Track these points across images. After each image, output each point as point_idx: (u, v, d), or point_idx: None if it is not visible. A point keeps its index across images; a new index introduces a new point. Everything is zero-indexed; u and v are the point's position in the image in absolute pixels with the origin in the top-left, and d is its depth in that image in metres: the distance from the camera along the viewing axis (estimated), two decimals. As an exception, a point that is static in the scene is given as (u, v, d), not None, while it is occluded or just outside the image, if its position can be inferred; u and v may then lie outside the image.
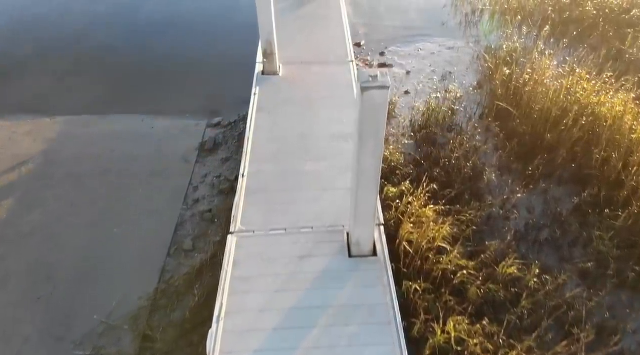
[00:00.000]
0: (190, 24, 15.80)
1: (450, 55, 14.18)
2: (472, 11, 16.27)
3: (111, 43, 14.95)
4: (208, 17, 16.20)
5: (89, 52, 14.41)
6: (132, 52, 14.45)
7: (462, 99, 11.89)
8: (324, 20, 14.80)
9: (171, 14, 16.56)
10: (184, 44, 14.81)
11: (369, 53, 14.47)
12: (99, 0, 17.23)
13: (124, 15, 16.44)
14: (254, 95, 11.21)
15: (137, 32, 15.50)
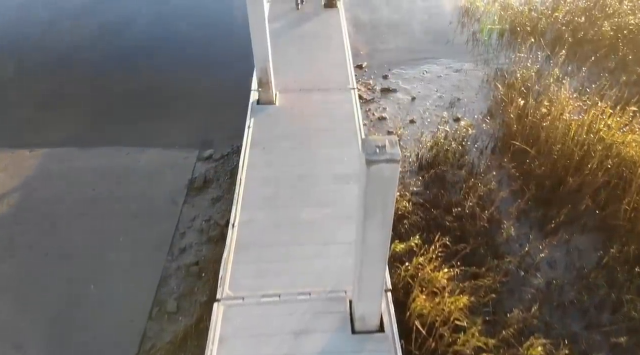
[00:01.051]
0: (181, 46, 14.92)
1: (458, 78, 13.33)
2: (479, 29, 15.45)
3: (95, 67, 14.04)
4: (200, 38, 15.28)
5: (72, 76, 13.48)
6: (118, 76, 13.51)
7: (472, 130, 11.03)
8: (323, 41, 13.97)
9: (160, 34, 15.69)
10: (174, 68, 13.90)
11: (371, 76, 13.61)
12: (84, 20, 16.38)
13: (110, 36, 15.54)
14: (248, 128, 10.35)
15: (123, 55, 14.60)
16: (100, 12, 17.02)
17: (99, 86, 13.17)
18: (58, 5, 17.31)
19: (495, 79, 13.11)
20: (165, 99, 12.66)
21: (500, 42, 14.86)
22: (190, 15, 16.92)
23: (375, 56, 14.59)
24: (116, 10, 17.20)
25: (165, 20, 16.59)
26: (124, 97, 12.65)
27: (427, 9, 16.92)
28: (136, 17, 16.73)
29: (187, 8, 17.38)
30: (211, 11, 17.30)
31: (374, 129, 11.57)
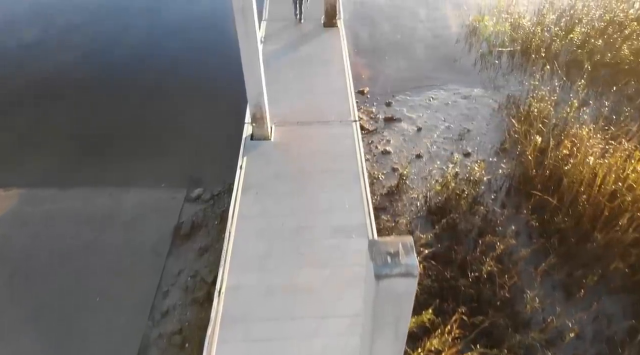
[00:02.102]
0: (171, 67, 14.03)
1: (467, 106, 12.45)
2: (488, 50, 14.57)
3: (79, 93, 13.10)
4: (192, 59, 14.44)
5: (55, 104, 12.60)
6: (103, 104, 12.63)
7: (485, 171, 10.13)
8: (323, 65, 13.08)
9: (150, 54, 14.80)
10: (163, 93, 13.00)
11: (373, 103, 12.72)
12: (71, 39, 15.50)
13: (97, 56, 14.68)
14: (240, 169, 9.46)
15: (110, 78, 13.70)
16: (88, 30, 16.14)
17: (83, 116, 12.28)
18: (43, 24, 16.48)
19: (507, 107, 12.23)
20: (152, 130, 11.77)
21: (510, 64, 13.97)
22: (182, 32, 16.02)
23: (377, 80, 13.71)
24: (105, 28, 16.33)
25: (156, 39, 15.69)
26: (109, 129, 11.76)
27: (431, 27, 16.03)
28: (125, 35, 15.86)
29: (179, 24, 16.51)
30: (204, 26, 16.44)
31: (378, 164, 10.68)
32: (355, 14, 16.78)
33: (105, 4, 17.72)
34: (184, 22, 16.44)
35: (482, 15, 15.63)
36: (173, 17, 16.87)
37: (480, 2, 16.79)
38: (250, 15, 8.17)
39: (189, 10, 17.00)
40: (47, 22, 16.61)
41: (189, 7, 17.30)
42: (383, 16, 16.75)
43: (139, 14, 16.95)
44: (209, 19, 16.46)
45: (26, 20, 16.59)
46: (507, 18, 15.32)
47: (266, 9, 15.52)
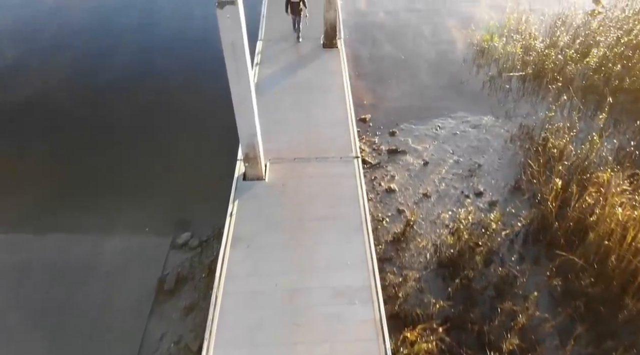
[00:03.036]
0: (160, 89, 13.14)
1: (477, 136, 11.60)
2: (498, 72, 13.72)
3: (60, 123, 12.20)
4: (182, 79, 13.56)
5: (32, 136, 11.74)
6: (85, 134, 11.76)
7: (500, 217, 9.28)
8: (322, 93, 12.17)
9: (138, 73, 13.95)
10: (149, 119, 12.16)
11: (376, 132, 11.86)
12: (55, 57, 14.66)
13: (82, 77, 13.80)
14: (230, 216, 8.55)
15: (94, 103, 12.82)
16: (73, 49, 15.27)
17: (63, 150, 11.36)
18: (27, 42, 15.62)
19: (521, 138, 11.35)
20: (138, 165, 10.85)
21: (522, 88, 13.10)
22: (173, 52, 15.11)
23: (380, 106, 12.85)
24: (92, 47, 15.46)
25: (145, 59, 14.77)
26: (91, 165, 10.85)
27: (436, 46, 15.16)
28: (113, 56, 14.96)
29: (170, 43, 15.61)
30: (197, 47, 15.55)
31: (382, 205, 9.81)
32: (356, 31, 15.95)
33: (93, 21, 16.88)
34: (175, 41, 15.58)
35: (491, 35, 14.80)
36: (165, 35, 16.00)
37: (487, 20, 15.99)
38: (241, 51, 7.33)
39: (182, 28, 16.15)
40: (31, 40, 15.76)
41: (182, 24, 16.44)
42: (385, 34, 15.91)
43: (128, 32, 16.10)
44: (202, 39, 15.60)
45: (8, 38, 15.74)
46: (518, 39, 14.48)
47: (262, 28, 14.70)
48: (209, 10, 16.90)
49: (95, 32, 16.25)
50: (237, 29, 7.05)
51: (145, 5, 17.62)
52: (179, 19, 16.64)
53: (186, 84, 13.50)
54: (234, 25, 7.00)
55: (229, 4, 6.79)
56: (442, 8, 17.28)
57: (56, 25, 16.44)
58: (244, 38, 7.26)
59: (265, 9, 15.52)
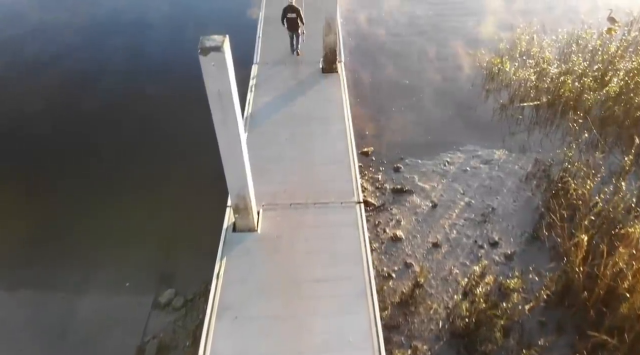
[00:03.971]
0: (148, 125, 12.17)
1: (489, 174, 10.69)
2: (509, 100, 12.83)
3: (34, 159, 11.25)
4: (173, 117, 12.52)
5: (6, 173, 10.80)
6: (62, 174, 10.75)
7: (516, 262, 8.42)
8: (321, 125, 11.23)
9: (124, 105, 12.91)
10: (133, 154, 11.20)
11: (379, 167, 10.96)
12: (32, 87, 13.63)
13: (62, 104, 12.89)
14: (216, 278, 7.60)
15: (73, 135, 11.88)
16: (58, 69, 14.38)
17: (39, 188, 10.42)
18: (8, 59, 14.73)
19: (537, 176, 10.46)
20: (120, 208, 9.88)
21: (536, 118, 12.22)
22: (163, 75, 14.17)
23: (383, 137, 11.93)
24: (78, 68, 14.56)
25: (133, 84, 13.82)
26: (68, 208, 9.92)
27: (442, 68, 14.25)
28: (100, 77, 14.07)
29: (161, 64, 14.69)
30: (189, 70, 14.67)
31: (387, 257, 8.87)
32: (357, 52, 15.06)
33: (79, 41, 15.97)
34: (166, 64, 14.66)
35: (501, 58, 13.92)
36: (154, 57, 15.10)
37: (496, 40, 15.13)
38: (229, 101, 6.42)
39: (173, 50, 15.24)
40: (13, 57, 14.92)
41: (173, 46, 15.53)
42: (388, 55, 15.02)
43: (116, 54, 15.18)
44: (194, 60, 14.70)
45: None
46: (530, 63, 13.59)
47: (257, 50, 13.80)
48: (202, 32, 16.18)
49: (81, 53, 15.31)
50: (223, 76, 6.15)
51: (135, 23, 16.71)
52: (170, 40, 15.71)
53: (175, 111, 12.56)
54: (220, 73, 6.10)
55: (213, 50, 5.89)
56: (447, 26, 16.38)
57: (39, 44, 15.54)
58: (232, 86, 6.36)
59: (261, 29, 14.63)
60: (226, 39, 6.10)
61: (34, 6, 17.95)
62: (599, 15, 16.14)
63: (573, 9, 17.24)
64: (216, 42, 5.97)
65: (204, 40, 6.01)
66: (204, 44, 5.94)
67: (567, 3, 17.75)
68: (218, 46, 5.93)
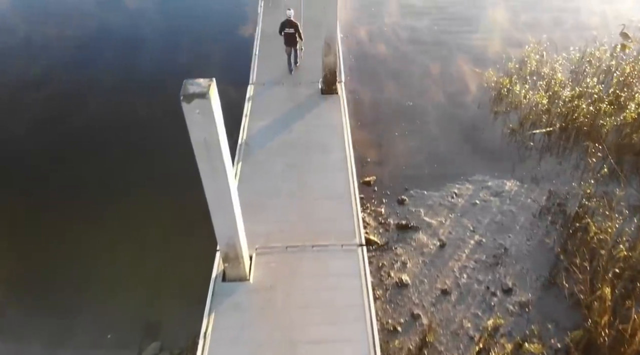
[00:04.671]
0: (136, 152, 11.40)
1: (500, 208, 9.99)
2: (519, 124, 12.12)
3: (14, 188, 10.52)
4: (163, 142, 11.65)
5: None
6: (42, 207, 10.02)
7: (533, 312, 7.71)
8: (320, 153, 10.49)
9: (111, 129, 12.18)
10: (120, 193, 10.34)
11: (382, 199, 10.24)
12: (15, 109, 12.94)
13: (45, 128, 12.15)
14: (203, 338, 6.84)
15: (57, 162, 11.13)
16: (43, 88, 13.64)
17: (17, 222, 9.68)
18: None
19: (551, 211, 9.74)
20: (103, 247, 9.16)
21: (548, 144, 11.51)
22: (154, 92, 13.36)
23: (386, 164, 11.22)
24: (65, 85, 13.82)
25: (123, 100, 13.18)
26: (47, 249, 9.16)
27: (446, 89, 13.48)
28: (86, 98, 13.31)
29: (152, 82, 13.95)
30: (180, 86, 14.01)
31: (392, 306, 8.15)
32: (357, 70, 14.35)
33: (67, 56, 15.26)
34: (157, 83, 13.91)
35: (510, 78, 13.23)
36: (145, 76, 14.35)
37: (503, 57, 14.46)
38: (216, 150, 5.70)
39: (165, 69, 14.52)
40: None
41: (166, 61, 14.84)
42: (390, 73, 14.33)
43: (105, 71, 14.47)
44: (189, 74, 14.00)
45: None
46: (541, 85, 12.89)
47: (253, 70, 13.08)
48: (195, 50, 15.54)
49: (69, 69, 14.62)
50: (210, 124, 5.44)
51: (126, 39, 16.00)
52: (161, 59, 14.99)
53: (167, 137, 11.84)
54: (206, 120, 5.39)
55: (198, 97, 5.19)
56: (451, 42, 15.68)
57: (25, 60, 14.84)
58: (221, 133, 5.65)
59: (257, 47, 13.94)
60: (213, 82, 5.39)
61: (21, 20, 17.25)
62: (611, 30, 15.47)
63: (583, 24, 16.57)
64: (201, 87, 5.26)
65: (187, 85, 5.30)
66: (188, 90, 5.23)
67: (576, 17, 17.07)
68: (203, 92, 5.22)
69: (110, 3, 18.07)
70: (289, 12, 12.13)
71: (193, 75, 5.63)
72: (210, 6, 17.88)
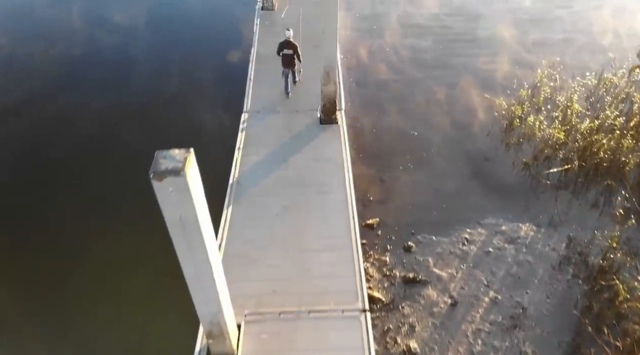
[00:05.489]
0: (117, 189, 10.44)
1: (516, 258, 9.08)
2: (533, 158, 11.22)
3: None
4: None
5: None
6: (18, 251, 9.11)
7: None
8: (319, 194, 9.59)
9: (97, 159, 11.29)
10: (97, 236, 9.36)
11: (387, 245, 9.33)
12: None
13: (19, 164, 11.31)
14: None
15: (41, 192, 10.26)
16: (23, 110, 12.84)
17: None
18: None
19: (572, 262, 8.87)
20: (81, 298, 8.32)
21: (565, 181, 10.64)
22: (143, 116, 12.64)
23: (390, 203, 10.29)
24: (49, 107, 12.98)
25: (110, 125, 12.34)
26: (22, 293, 8.31)
27: (453, 117, 12.58)
28: (73, 123, 12.48)
29: (141, 104, 13.12)
30: (172, 108, 13.09)
31: (398, 378, 7.31)
32: (357, 95, 13.42)
33: (52, 75, 14.41)
34: (147, 106, 13.06)
35: (521, 106, 12.35)
36: (136, 97, 13.51)
37: (513, 81, 13.60)
38: (194, 227, 4.80)
39: (156, 91, 13.64)
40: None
41: (156, 86, 13.93)
42: (392, 97, 13.41)
43: (93, 91, 13.61)
44: (181, 101, 13.15)
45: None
46: (556, 116, 11.99)
47: (248, 96, 12.19)
48: (187, 74, 14.60)
49: (53, 89, 13.77)
50: (186, 202, 4.54)
51: (115, 62, 15.08)
52: (151, 84, 14.05)
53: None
54: (181, 198, 4.50)
55: (172, 174, 4.29)
56: (456, 62, 14.78)
57: (4, 83, 13.95)
58: (200, 209, 4.74)
59: (252, 70, 13.04)
60: (190, 154, 4.48)
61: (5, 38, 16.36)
62: (626, 51, 14.65)
63: (595, 43, 15.71)
64: (176, 161, 4.36)
65: (159, 159, 4.39)
66: (159, 166, 4.33)
67: (588, 35, 16.21)
68: (178, 169, 4.32)
69: (98, 24, 17.08)
70: (287, 32, 11.35)
71: (183, 101, 4.82)
72: (204, 25, 16.92)
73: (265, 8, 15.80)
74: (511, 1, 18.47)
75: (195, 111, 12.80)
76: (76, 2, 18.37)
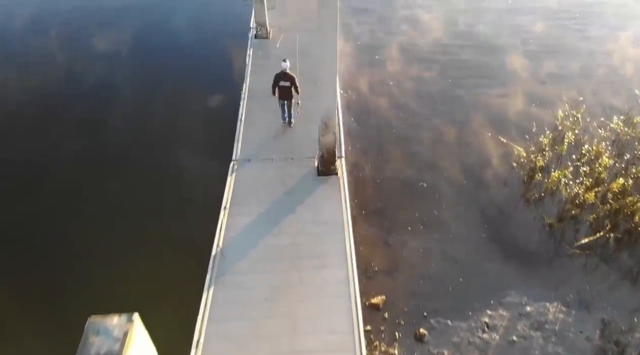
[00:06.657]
0: (113, 218, 9.09)
1: (544, 347, 7.68)
2: (558, 218, 9.86)
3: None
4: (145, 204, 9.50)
5: None
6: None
7: None
8: (314, 269, 8.27)
9: (87, 188, 9.92)
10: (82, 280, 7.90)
11: (395, 332, 8.00)
12: None
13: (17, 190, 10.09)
14: None
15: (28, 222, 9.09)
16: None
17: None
18: None
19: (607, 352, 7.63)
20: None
21: (593, 247, 9.39)
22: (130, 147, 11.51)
23: (398, 275, 8.98)
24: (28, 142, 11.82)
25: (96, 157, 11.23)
26: None
27: (465, 165, 11.30)
28: (61, 152, 11.33)
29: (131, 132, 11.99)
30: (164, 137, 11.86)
31: None
32: (358, 138, 12.06)
33: (29, 108, 13.14)
34: (138, 133, 11.95)
35: (542, 156, 11.04)
36: (116, 133, 12.29)
37: (529, 120, 12.38)
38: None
39: (140, 126, 12.41)
40: None
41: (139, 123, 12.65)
42: (396, 140, 12.10)
43: (70, 131, 12.35)
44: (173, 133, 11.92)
45: None
46: (584, 170, 10.64)
47: (238, 142, 10.90)
48: (171, 112, 13.15)
49: (20, 129, 12.45)
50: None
51: (97, 91, 13.86)
52: (133, 118, 12.81)
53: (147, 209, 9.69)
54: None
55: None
56: (467, 98, 13.48)
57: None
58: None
59: (244, 110, 11.75)
60: (132, 324, 3.21)
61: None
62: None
63: (617, 74, 14.52)
64: (112, 339, 3.09)
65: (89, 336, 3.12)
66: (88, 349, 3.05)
67: (608, 64, 14.98)
68: (114, 352, 3.06)
69: (78, 54, 15.75)
70: (284, 63, 10.34)
71: (167, 147, 3.68)
72: (192, 55, 15.54)
73: (258, 36, 14.53)
74: (521, 27, 17.25)
75: (178, 159, 11.49)
76: (56, 28, 17.04)
